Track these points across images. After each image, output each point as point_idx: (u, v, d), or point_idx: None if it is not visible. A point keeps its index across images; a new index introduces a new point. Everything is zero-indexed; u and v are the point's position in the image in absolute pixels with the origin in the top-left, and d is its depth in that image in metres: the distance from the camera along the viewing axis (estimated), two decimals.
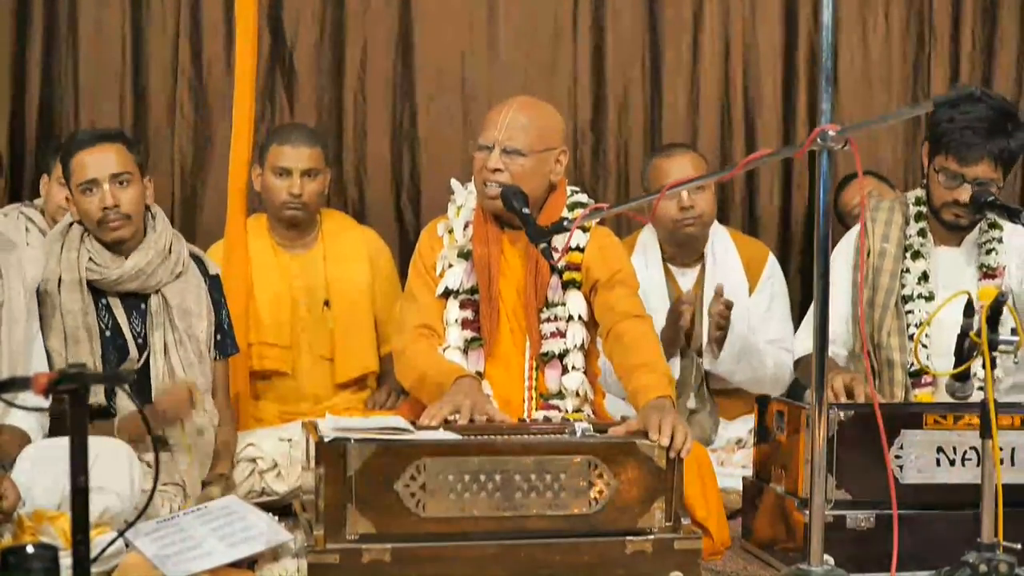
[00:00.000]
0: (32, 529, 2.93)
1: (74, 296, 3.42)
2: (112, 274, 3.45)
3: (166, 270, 3.51)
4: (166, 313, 3.50)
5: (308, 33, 4.82)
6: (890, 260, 3.86)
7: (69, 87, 4.70)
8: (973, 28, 5.13)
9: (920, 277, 3.83)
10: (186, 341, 3.50)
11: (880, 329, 3.82)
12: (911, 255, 3.86)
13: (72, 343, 3.40)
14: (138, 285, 3.48)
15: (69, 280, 3.43)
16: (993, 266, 3.84)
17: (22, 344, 3.30)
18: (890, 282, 3.84)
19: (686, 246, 4.35)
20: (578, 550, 2.92)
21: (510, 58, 4.92)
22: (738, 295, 4.25)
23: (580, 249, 3.48)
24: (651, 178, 4.34)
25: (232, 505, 3.22)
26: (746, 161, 3.00)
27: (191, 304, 3.54)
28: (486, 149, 3.43)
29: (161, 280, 3.50)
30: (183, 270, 3.55)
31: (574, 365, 3.45)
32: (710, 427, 4.17)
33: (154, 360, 3.49)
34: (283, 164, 4.16)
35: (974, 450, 3.22)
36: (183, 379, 3.43)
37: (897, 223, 3.89)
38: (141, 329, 3.51)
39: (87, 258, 3.45)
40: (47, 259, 3.46)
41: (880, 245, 3.87)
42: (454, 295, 3.51)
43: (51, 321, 3.41)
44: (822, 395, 2.73)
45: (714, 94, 5.02)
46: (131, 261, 3.46)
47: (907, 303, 3.83)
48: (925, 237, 3.88)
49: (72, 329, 3.41)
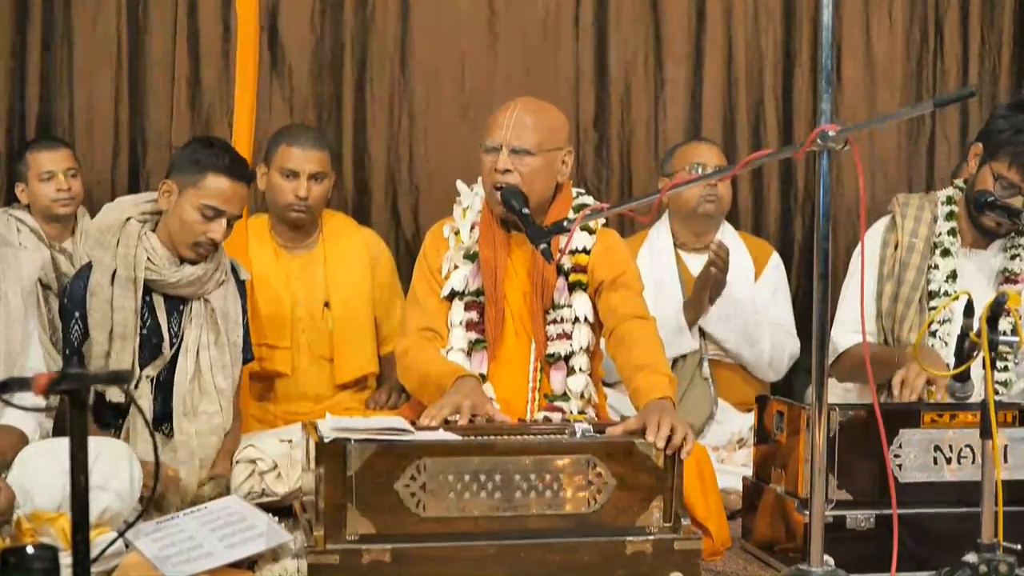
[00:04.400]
0: (31, 530, 2.93)
1: (127, 293, 3.44)
2: (171, 277, 3.47)
3: (216, 279, 3.55)
4: (207, 316, 3.53)
5: (307, 33, 4.82)
6: (918, 256, 3.85)
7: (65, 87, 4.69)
8: (981, 25, 5.13)
9: (949, 275, 3.82)
10: (224, 344, 3.53)
11: (902, 324, 3.81)
12: (940, 252, 3.85)
13: (118, 339, 3.43)
14: (191, 291, 3.51)
15: (124, 276, 3.44)
16: (1016, 271, 3.83)
17: (19, 342, 3.29)
18: (916, 277, 3.84)
19: (701, 228, 4.41)
20: (578, 550, 2.91)
21: (510, 58, 4.92)
22: (743, 274, 4.34)
23: (586, 251, 3.49)
24: (674, 160, 4.45)
25: (232, 505, 3.22)
26: (746, 161, 3.00)
27: (231, 309, 3.58)
28: (494, 151, 3.42)
29: (208, 289, 3.54)
30: (226, 279, 3.59)
31: (580, 367, 3.46)
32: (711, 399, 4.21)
33: (183, 358, 3.51)
34: (291, 166, 4.15)
35: (970, 448, 3.23)
36: (172, 472, 3.42)
37: (926, 219, 3.89)
38: (178, 330, 3.53)
39: (145, 257, 3.46)
40: (94, 248, 3.47)
41: (909, 240, 3.87)
42: (459, 297, 3.51)
43: (99, 314, 3.42)
44: (822, 395, 2.73)
45: (717, 93, 5.03)
46: (190, 268, 3.48)
47: (932, 299, 3.82)
48: (955, 237, 3.87)
49: (120, 326, 3.43)
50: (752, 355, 4.35)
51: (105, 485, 2.98)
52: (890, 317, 3.83)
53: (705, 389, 4.27)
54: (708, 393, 4.27)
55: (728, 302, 4.23)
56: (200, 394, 3.51)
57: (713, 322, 4.27)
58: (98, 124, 4.71)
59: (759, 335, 4.33)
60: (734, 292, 4.23)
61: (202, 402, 3.51)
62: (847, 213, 5.01)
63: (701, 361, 4.30)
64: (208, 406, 3.51)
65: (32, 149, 4.37)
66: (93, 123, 4.70)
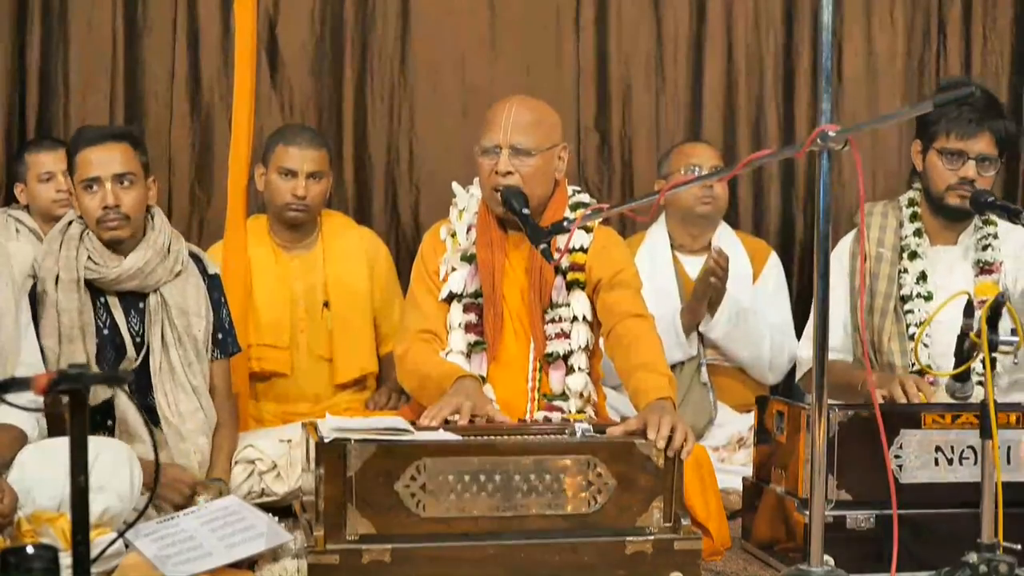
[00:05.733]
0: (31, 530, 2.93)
1: (70, 295, 3.41)
2: (111, 273, 3.45)
3: (165, 269, 3.51)
4: (164, 312, 3.50)
5: (307, 32, 4.82)
6: (887, 265, 3.87)
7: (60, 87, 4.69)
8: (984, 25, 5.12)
9: (918, 277, 3.84)
10: (185, 340, 3.50)
11: (880, 334, 3.82)
12: (908, 255, 3.87)
13: (66, 342, 3.40)
14: (137, 284, 3.48)
15: (67, 279, 3.42)
16: (990, 261, 3.85)
17: (12, 338, 3.27)
18: (888, 287, 3.85)
19: (697, 229, 4.42)
20: (578, 550, 2.92)
21: (511, 57, 4.91)
22: (742, 275, 4.33)
23: (583, 249, 3.49)
24: (672, 161, 4.45)
25: (232, 505, 3.22)
26: (746, 161, 2.99)
27: (190, 303, 3.53)
28: (493, 152, 3.41)
29: (160, 279, 3.50)
30: (182, 269, 3.55)
31: (579, 366, 3.46)
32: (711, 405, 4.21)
33: (153, 358, 3.49)
34: (288, 165, 4.16)
35: (971, 449, 3.22)
36: (192, 474, 3.42)
37: (891, 226, 3.91)
38: (139, 328, 3.51)
39: (86, 256, 3.44)
40: (45, 257, 3.45)
41: (876, 250, 3.89)
42: (457, 299, 3.51)
43: (45, 319, 3.40)
44: (822, 395, 2.73)
45: (717, 93, 5.02)
46: (129, 260, 3.46)
47: (906, 303, 3.83)
48: (921, 237, 3.89)
49: (67, 328, 3.40)
50: (752, 358, 4.35)
51: (105, 485, 2.97)
52: (868, 328, 3.84)
53: (704, 395, 4.26)
54: (707, 398, 4.25)
55: (727, 307, 4.23)
56: (179, 393, 3.48)
57: (712, 328, 4.27)
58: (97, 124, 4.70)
59: (759, 338, 4.34)
60: (733, 296, 4.23)
61: (181, 401, 3.48)
62: (847, 213, 5.01)
63: (699, 367, 4.29)
64: (188, 405, 3.49)
65: (32, 150, 4.37)
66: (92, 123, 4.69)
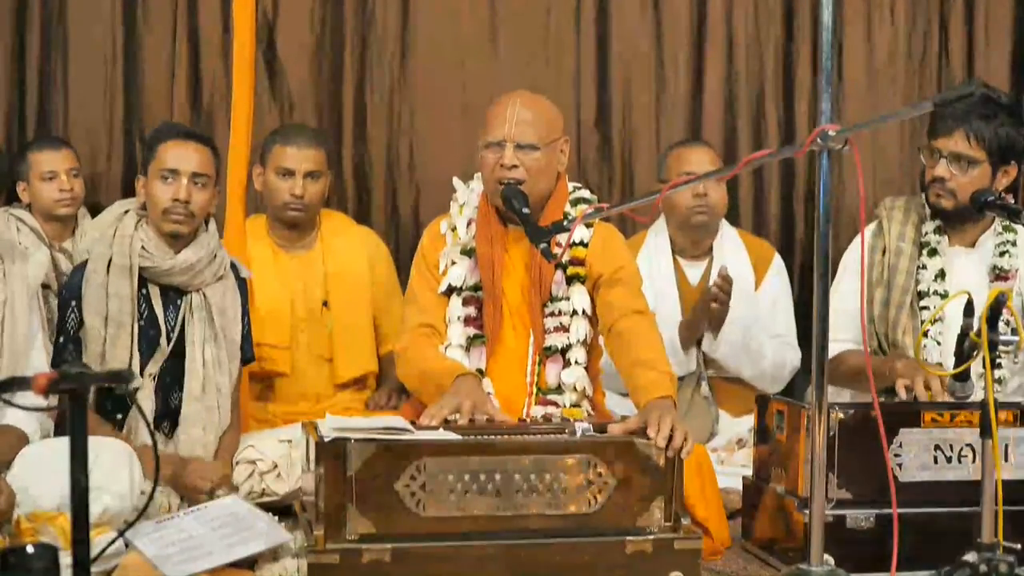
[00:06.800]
0: (31, 530, 2.93)
1: (122, 280, 3.47)
2: (164, 264, 3.49)
3: (211, 271, 3.57)
4: (205, 310, 3.54)
5: (306, 32, 4.82)
6: (906, 259, 3.86)
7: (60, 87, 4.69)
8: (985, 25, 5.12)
9: (937, 274, 3.83)
10: (221, 340, 3.55)
11: (895, 328, 3.82)
12: (927, 252, 3.86)
13: (114, 325, 3.46)
14: (185, 280, 3.53)
15: (120, 264, 3.48)
16: (1006, 268, 3.83)
17: (23, 343, 3.31)
18: (906, 281, 3.84)
19: (696, 236, 4.39)
20: (578, 550, 2.92)
21: (511, 58, 4.91)
22: (744, 289, 4.29)
23: (584, 244, 3.49)
24: (668, 166, 4.42)
25: (232, 505, 3.22)
26: (746, 161, 3.00)
27: (228, 306, 3.59)
28: (496, 146, 3.42)
29: (205, 280, 3.56)
30: (224, 275, 3.61)
31: (576, 360, 3.46)
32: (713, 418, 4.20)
33: (191, 353, 3.52)
34: (286, 165, 4.16)
35: (970, 447, 3.23)
36: (221, 467, 3.47)
37: (913, 222, 3.90)
38: (175, 323, 3.54)
39: (140, 246, 3.49)
40: (95, 242, 3.53)
41: (896, 244, 3.88)
42: (457, 292, 3.52)
43: (94, 300, 3.46)
44: (822, 395, 2.73)
45: (718, 93, 5.02)
46: (183, 255, 3.51)
47: (922, 299, 3.83)
48: (942, 235, 3.88)
49: (115, 312, 3.46)
50: (753, 372, 4.31)
51: (105, 485, 2.97)
52: (883, 322, 3.83)
53: (706, 408, 4.21)
54: (709, 412, 4.21)
55: (729, 332, 4.19)
56: (203, 392, 3.52)
57: (713, 349, 4.24)
58: (97, 123, 4.71)
59: (760, 352, 4.30)
60: (735, 311, 4.18)
61: (204, 399, 3.52)
62: (848, 213, 5.01)
63: (699, 381, 4.25)
64: (209, 402, 3.53)
65: (34, 149, 4.36)
66: (92, 122, 4.69)
